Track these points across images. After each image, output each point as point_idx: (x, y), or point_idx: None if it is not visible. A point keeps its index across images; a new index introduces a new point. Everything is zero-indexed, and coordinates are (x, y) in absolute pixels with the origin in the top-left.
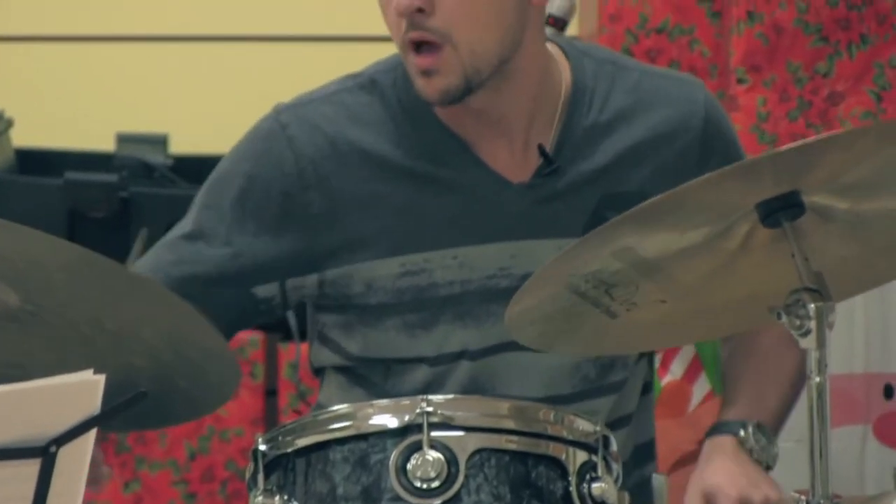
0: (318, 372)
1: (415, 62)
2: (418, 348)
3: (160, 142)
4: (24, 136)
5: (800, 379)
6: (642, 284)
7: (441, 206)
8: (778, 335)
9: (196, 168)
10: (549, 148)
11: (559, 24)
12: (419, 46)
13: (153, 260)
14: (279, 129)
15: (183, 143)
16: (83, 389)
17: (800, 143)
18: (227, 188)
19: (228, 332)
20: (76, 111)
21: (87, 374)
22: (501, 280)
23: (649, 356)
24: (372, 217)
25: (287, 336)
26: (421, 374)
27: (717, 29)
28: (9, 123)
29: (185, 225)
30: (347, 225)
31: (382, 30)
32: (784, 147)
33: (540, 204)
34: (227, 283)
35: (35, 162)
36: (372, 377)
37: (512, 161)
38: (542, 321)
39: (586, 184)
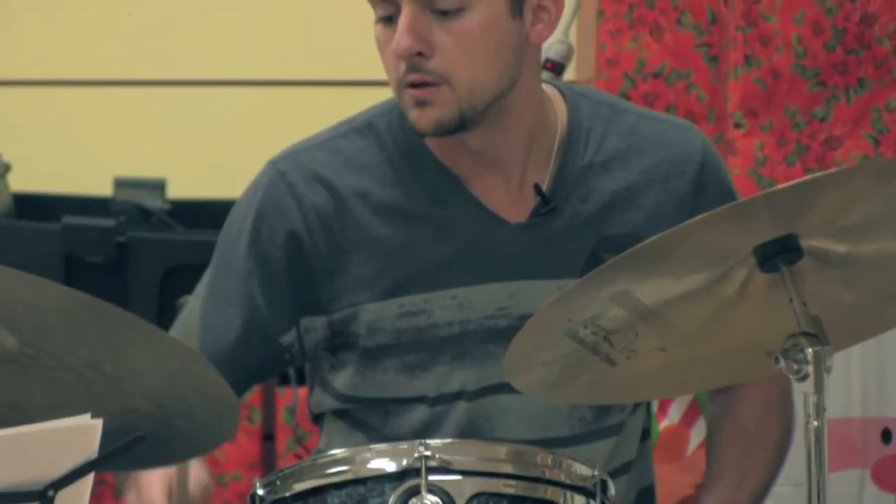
0: (318, 418)
1: (411, 94)
2: (417, 388)
3: (158, 186)
4: (22, 181)
5: (784, 444)
6: (642, 331)
7: (439, 247)
8: (759, 405)
9: (194, 212)
10: (545, 187)
11: (557, 68)
12: (416, 84)
13: (181, 332)
14: (278, 177)
15: (181, 188)
16: (81, 433)
17: (795, 182)
18: (236, 244)
19: (256, 383)
20: (73, 156)
21: (85, 419)
22: (500, 320)
23: (647, 402)
24: (372, 259)
25: (284, 381)
26: (419, 414)
27: (715, 74)
28: (6, 168)
29: (203, 290)
30: (349, 267)
31: (381, 74)
32: (779, 186)
33: (537, 244)
34: (256, 338)
35: (32, 206)
36: (371, 420)
37: (508, 200)
38: (541, 368)
39: (583, 225)
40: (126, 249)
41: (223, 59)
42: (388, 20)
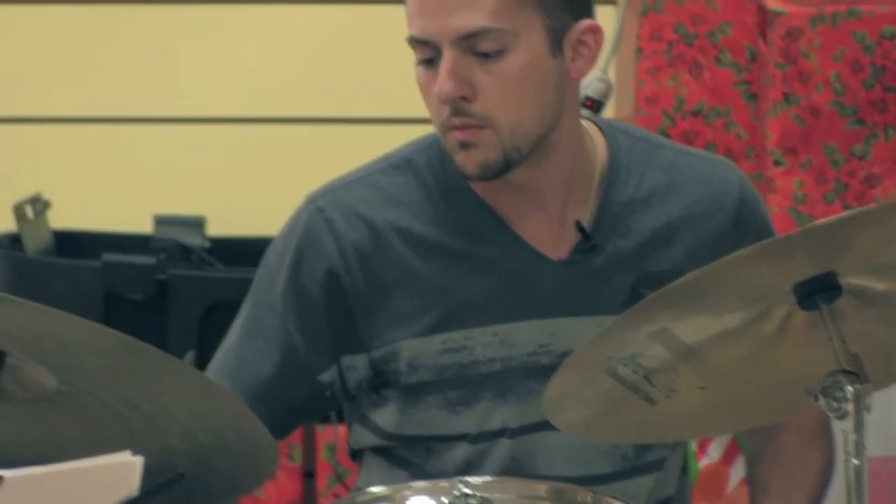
0: (357, 455)
1: (455, 136)
2: (460, 425)
3: (198, 224)
4: (62, 218)
5: (828, 472)
6: (681, 369)
7: (480, 284)
8: (800, 433)
9: (233, 250)
10: (586, 224)
11: (596, 105)
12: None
13: (217, 369)
14: (317, 213)
15: (220, 226)
16: (122, 470)
17: (834, 218)
18: (274, 281)
19: (298, 422)
20: (113, 193)
21: (126, 456)
22: (542, 357)
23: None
24: (412, 296)
25: (325, 418)
26: (461, 452)
27: (754, 111)
28: (46, 205)
29: (239, 326)
30: (389, 304)
31: (421, 112)
32: (818, 223)
33: (578, 281)
34: (295, 376)
35: (72, 244)
36: (412, 458)
37: (549, 237)
38: (580, 406)
39: (623, 261)
40: (166, 287)
41: (263, 96)
42: (429, 62)
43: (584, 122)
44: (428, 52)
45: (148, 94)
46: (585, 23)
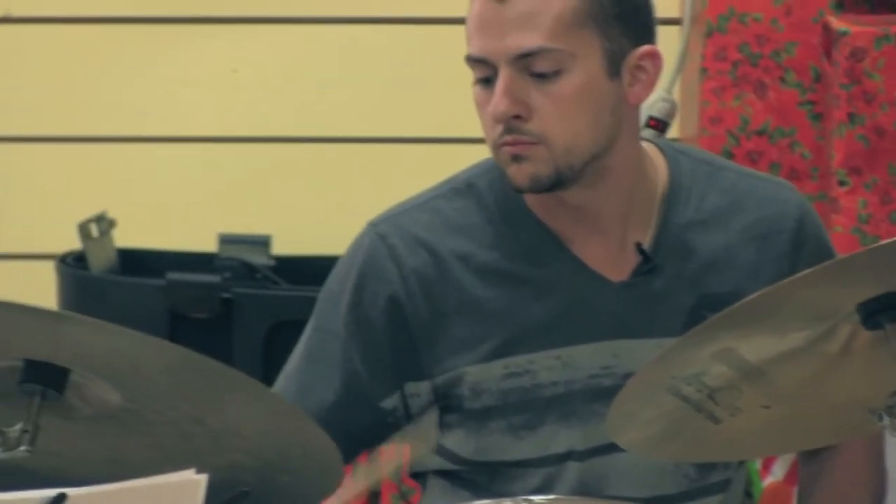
0: (418, 476)
1: (507, 150)
2: (524, 450)
3: (263, 243)
4: (126, 237)
5: (880, 500)
6: (745, 389)
7: (541, 307)
8: (852, 464)
9: (298, 269)
10: (646, 246)
11: (660, 125)
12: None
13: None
14: (379, 240)
15: (285, 244)
16: (186, 488)
17: None
18: (337, 306)
19: (360, 448)
20: (178, 212)
21: (190, 474)
22: (605, 379)
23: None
24: (474, 321)
25: None
26: (528, 477)
27: (818, 131)
28: (111, 224)
29: (301, 352)
30: (451, 330)
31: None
32: (882, 242)
33: (639, 303)
34: (356, 402)
35: (137, 262)
36: (478, 479)
37: (609, 259)
38: (644, 426)
39: (684, 283)
40: (231, 305)
41: (328, 116)
42: (486, 82)
43: (645, 144)
44: (485, 70)
45: (211, 114)
46: (645, 48)
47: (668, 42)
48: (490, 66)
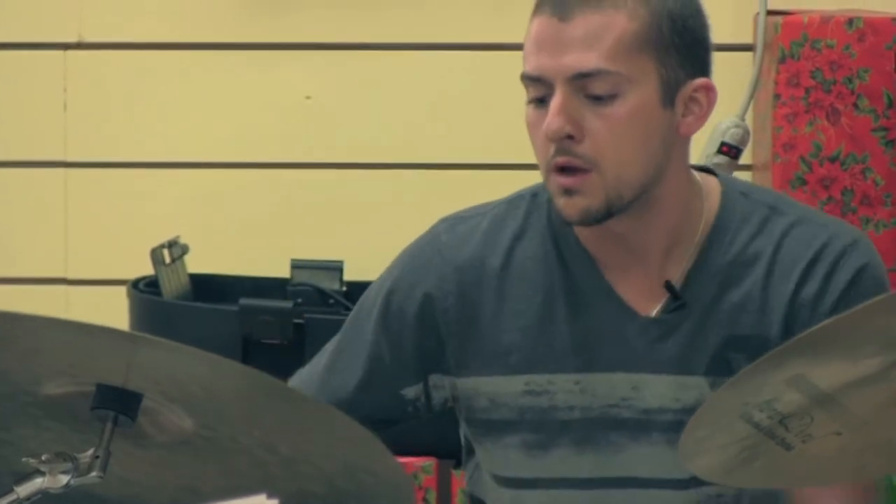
0: (475, 501)
1: (558, 181)
2: (535, 470)
3: (335, 269)
4: (199, 263)
5: None
6: (817, 415)
7: (570, 330)
8: None
9: None
10: (677, 283)
11: (733, 151)
12: (564, 169)
13: (309, 370)
14: (434, 236)
15: (357, 270)
16: None
17: None
18: (376, 294)
19: (377, 432)
20: (250, 238)
21: (262, 499)
22: (623, 410)
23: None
24: (504, 332)
25: (459, 462)
26: (540, 497)
27: (891, 157)
28: (184, 250)
29: (341, 331)
30: (479, 338)
31: None
32: None
33: (664, 340)
34: (378, 386)
35: (210, 288)
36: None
37: (642, 292)
38: (717, 451)
39: (711, 324)
40: (303, 331)
41: (400, 142)
42: (540, 102)
43: (708, 179)
44: (540, 90)
45: (286, 140)
46: (700, 80)
47: (740, 68)
48: (546, 85)
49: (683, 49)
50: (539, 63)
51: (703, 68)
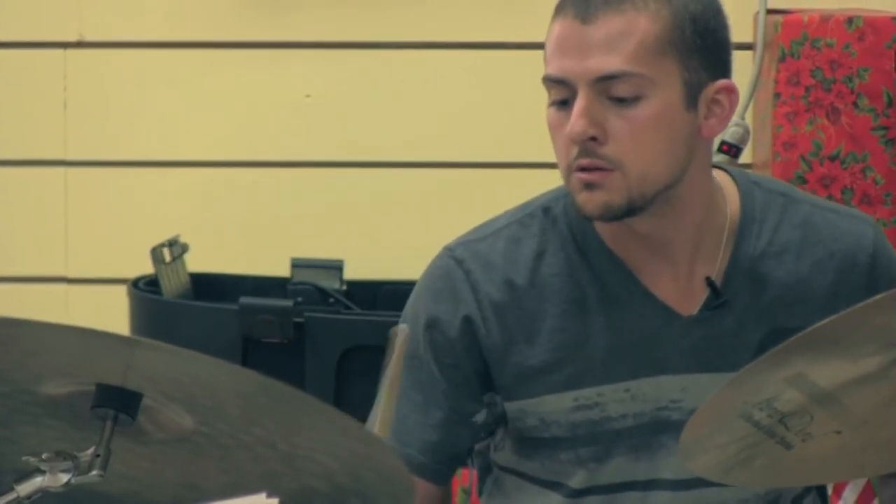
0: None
1: (579, 177)
2: (591, 480)
3: (335, 268)
4: (199, 262)
5: None
6: (817, 414)
7: (612, 339)
8: None
9: (371, 294)
10: (716, 279)
11: (733, 150)
12: (586, 168)
13: (381, 429)
14: (455, 264)
15: (358, 269)
16: None
17: None
18: (415, 333)
19: (458, 468)
20: (250, 237)
21: (262, 497)
22: (673, 413)
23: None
24: (545, 351)
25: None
26: (594, 501)
27: (891, 156)
28: (184, 249)
29: (390, 389)
30: (522, 359)
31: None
32: None
33: (708, 338)
34: (456, 424)
35: (210, 287)
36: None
37: (678, 292)
38: (716, 451)
39: (753, 318)
40: (303, 330)
41: (400, 141)
42: (563, 104)
43: (719, 175)
44: (563, 92)
45: (286, 139)
46: (722, 82)
47: (740, 67)
48: (568, 88)
49: (705, 51)
50: (562, 65)
51: (725, 70)
